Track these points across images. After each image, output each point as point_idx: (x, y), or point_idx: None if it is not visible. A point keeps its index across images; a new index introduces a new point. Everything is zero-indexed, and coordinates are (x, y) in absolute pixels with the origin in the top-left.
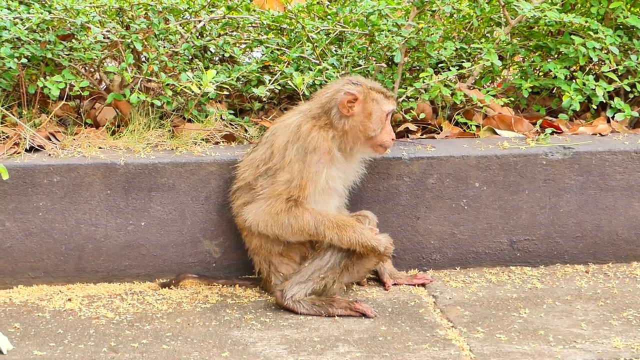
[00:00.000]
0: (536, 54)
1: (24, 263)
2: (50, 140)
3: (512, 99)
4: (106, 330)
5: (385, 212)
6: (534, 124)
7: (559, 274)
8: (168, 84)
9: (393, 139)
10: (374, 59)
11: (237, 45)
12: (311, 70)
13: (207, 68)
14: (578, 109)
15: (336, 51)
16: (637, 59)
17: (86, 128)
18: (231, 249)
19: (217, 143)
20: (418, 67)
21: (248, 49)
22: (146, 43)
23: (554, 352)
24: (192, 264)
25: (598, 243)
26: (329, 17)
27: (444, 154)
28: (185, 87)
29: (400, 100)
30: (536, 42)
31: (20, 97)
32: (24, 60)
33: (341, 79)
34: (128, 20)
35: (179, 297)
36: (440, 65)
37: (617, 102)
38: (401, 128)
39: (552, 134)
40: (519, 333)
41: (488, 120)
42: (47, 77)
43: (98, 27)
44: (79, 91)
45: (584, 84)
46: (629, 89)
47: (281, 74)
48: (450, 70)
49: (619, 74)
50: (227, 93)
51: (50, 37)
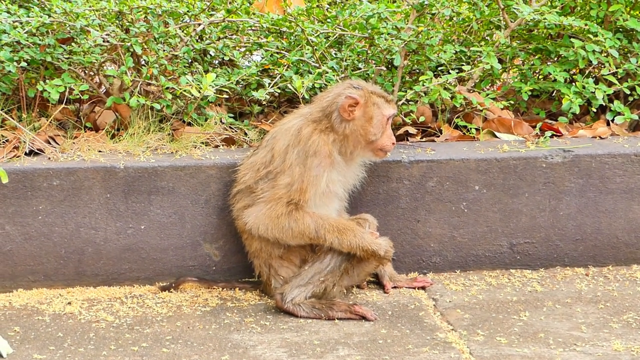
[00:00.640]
0: (536, 57)
1: (23, 266)
2: (49, 143)
3: (512, 102)
4: (106, 333)
5: (385, 215)
6: (534, 127)
7: (559, 277)
8: (168, 88)
9: (394, 143)
10: (373, 62)
11: (237, 48)
12: (311, 73)
13: (206, 71)
14: (578, 112)
15: (336, 54)
16: (637, 61)
17: (86, 132)
18: (231, 252)
19: (216, 146)
20: (418, 70)
21: (248, 52)
22: (146, 46)
23: (554, 355)
24: (192, 267)
25: (598, 246)
26: (328, 20)
27: (443, 157)
28: (184, 91)
29: (400, 103)
30: (536, 45)
31: (20, 100)
32: (24, 64)
33: (342, 82)
34: (127, 24)
35: (178, 300)
36: (440, 68)
37: (617, 105)
38: (401, 131)
39: (551, 137)
40: (519, 336)
41: (488, 123)
42: (47, 81)
43: (97, 31)
44: (78, 95)
45: (583, 87)
46: (628, 92)
47: (281, 77)
48: (450, 73)
49: (619, 76)
50: (227, 96)
51: (50, 41)
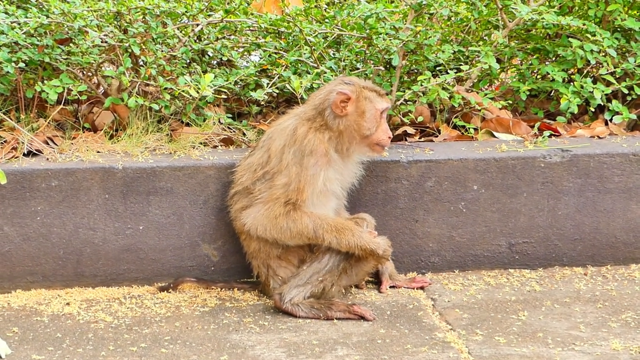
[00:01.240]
0: (534, 56)
1: (22, 267)
2: (48, 144)
3: (510, 101)
4: (105, 334)
5: (384, 215)
6: (532, 126)
7: (557, 277)
8: (166, 88)
9: (390, 137)
10: (372, 62)
11: (235, 48)
12: (309, 73)
13: (205, 72)
14: (576, 111)
15: (334, 54)
16: (635, 61)
17: (84, 132)
18: (230, 252)
19: (215, 147)
20: (416, 70)
21: (246, 53)
22: (144, 47)
23: (552, 354)
24: (191, 267)
25: (596, 245)
26: (326, 20)
27: (442, 157)
28: (183, 91)
29: (399, 103)
30: (534, 45)
31: (18, 101)
32: (22, 65)
33: (334, 80)
34: (126, 24)
35: (177, 300)
36: (438, 68)
37: (615, 104)
38: (399, 131)
39: (550, 136)
40: (517, 335)
41: (486, 123)
42: (45, 82)
43: (96, 31)
44: (76, 95)
45: (581, 87)
46: (626, 91)
47: (279, 77)
48: (448, 73)
49: (617, 76)
50: (225, 97)
51: (48, 41)
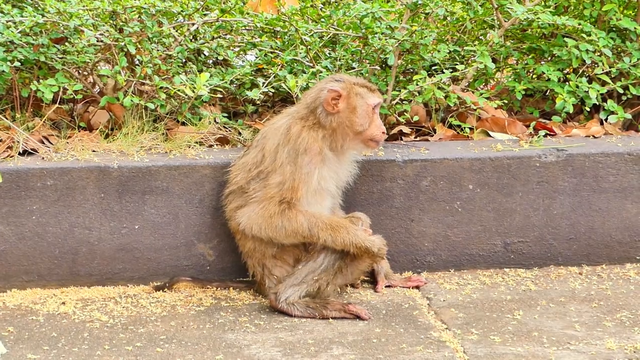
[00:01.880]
0: (529, 56)
1: (17, 267)
2: (43, 143)
3: (506, 101)
4: (100, 333)
5: (379, 215)
6: (528, 126)
7: (552, 276)
8: (162, 87)
9: (383, 132)
10: (367, 61)
11: (231, 48)
12: (305, 73)
13: (200, 71)
14: (571, 111)
15: (330, 54)
16: (630, 61)
17: (80, 131)
18: (225, 251)
19: (210, 146)
20: (412, 70)
21: (242, 52)
22: (139, 46)
23: (547, 353)
24: (186, 267)
25: (591, 245)
26: (322, 20)
27: (437, 156)
28: (178, 90)
29: (394, 102)
30: (529, 45)
31: (14, 100)
32: (17, 64)
33: (325, 78)
34: (121, 24)
35: (173, 300)
36: (433, 67)
37: (610, 104)
38: (395, 130)
39: (545, 136)
40: (512, 335)
41: (481, 122)
42: (41, 81)
43: (91, 30)
44: (72, 94)
45: (577, 86)
46: (622, 91)
47: (275, 76)
48: (443, 72)
49: (612, 76)
50: (221, 96)
51: (44, 41)
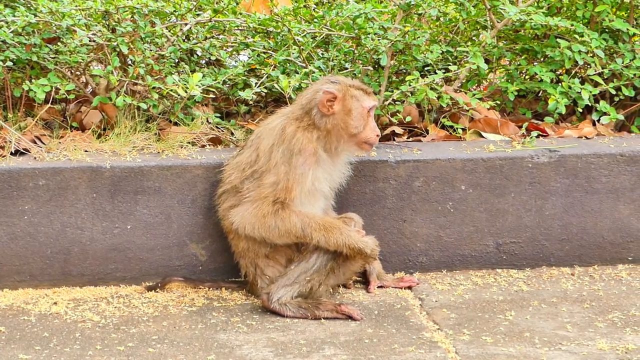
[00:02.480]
0: (522, 57)
1: (9, 267)
2: (35, 143)
3: (498, 102)
4: (92, 333)
5: (372, 215)
6: (520, 127)
7: (544, 277)
8: (154, 87)
9: (378, 135)
10: (360, 62)
11: (224, 48)
12: (297, 73)
13: (193, 71)
14: (564, 112)
15: (323, 54)
16: (623, 62)
17: (72, 131)
18: (217, 252)
19: (203, 146)
20: (404, 71)
21: (234, 52)
22: (132, 46)
23: (539, 354)
24: (179, 267)
25: (584, 245)
26: (315, 20)
27: (430, 157)
28: (171, 90)
29: (387, 103)
30: (522, 46)
31: (6, 100)
32: (9, 64)
33: (320, 79)
34: (114, 24)
35: (165, 300)
36: (426, 68)
37: (603, 105)
38: (387, 131)
39: (538, 137)
40: (504, 335)
41: (474, 123)
42: (33, 80)
43: (84, 30)
44: (64, 94)
45: (569, 87)
46: (614, 92)
47: (267, 77)
48: (436, 73)
49: (605, 77)
50: (214, 96)
51: (36, 40)
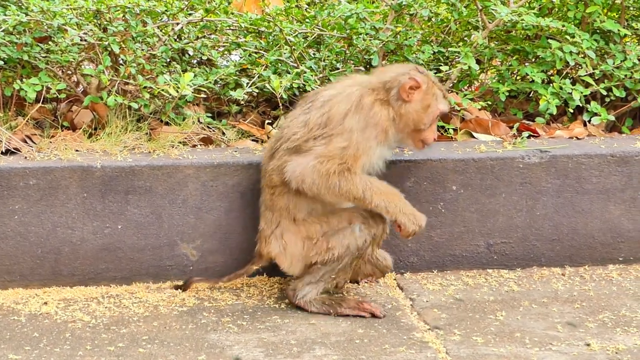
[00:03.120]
0: (513, 57)
1: None
2: (26, 143)
3: (490, 102)
4: (82, 333)
5: None
6: (511, 127)
7: (535, 277)
8: (145, 87)
9: (435, 139)
10: (352, 62)
11: (215, 48)
12: (289, 73)
13: (185, 71)
14: (555, 112)
15: (314, 54)
16: (614, 63)
17: (63, 131)
18: (208, 252)
19: (194, 146)
20: None
21: (226, 52)
22: (123, 45)
23: (530, 354)
24: (169, 267)
25: (574, 246)
26: (307, 20)
27: (421, 157)
28: (162, 90)
29: None
30: (513, 46)
31: None
32: (0, 63)
33: (405, 64)
34: (105, 23)
35: (155, 300)
36: None
37: (594, 106)
38: None
39: (529, 137)
40: (495, 335)
41: (465, 123)
42: (24, 80)
43: (75, 30)
44: (55, 94)
45: (560, 88)
46: (605, 92)
47: (259, 77)
48: None
49: (596, 78)
50: (205, 96)
51: (27, 39)
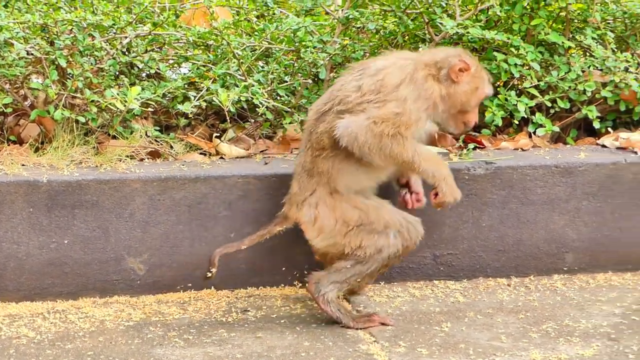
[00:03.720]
0: None
1: None
2: None
3: None
4: (27, 349)
5: None
6: (457, 139)
7: (481, 288)
8: (93, 101)
9: (475, 122)
10: (300, 75)
11: (164, 61)
12: (237, 86)
13: (133, 84)
14: (500, 124)
15: (263, 67)
16: (558, 74)
17: (9, 145)
18: (155, 266)
19: (142, 160)
20: None
21: (175, 65)
22: (71, 59)
23: None
24: (116, 281)
25: (520, 256)
26: (255, 33)
27: None
28: (110, 104)
29: None
30: None
31: None
32: None
33: (453, 48)
34: (53, 37)
35: (102, 315)
36: None
37: (539, 117)
38: None
39: (474, 149)
40: (439, 347)
41: None
42: None
43: (22, 44)
44: (1, 108)
45: (506, 100)
46: (550, 104)
47: (207, 90)
48: None
49: (541, 89)
50: (153, 109)
51: None
